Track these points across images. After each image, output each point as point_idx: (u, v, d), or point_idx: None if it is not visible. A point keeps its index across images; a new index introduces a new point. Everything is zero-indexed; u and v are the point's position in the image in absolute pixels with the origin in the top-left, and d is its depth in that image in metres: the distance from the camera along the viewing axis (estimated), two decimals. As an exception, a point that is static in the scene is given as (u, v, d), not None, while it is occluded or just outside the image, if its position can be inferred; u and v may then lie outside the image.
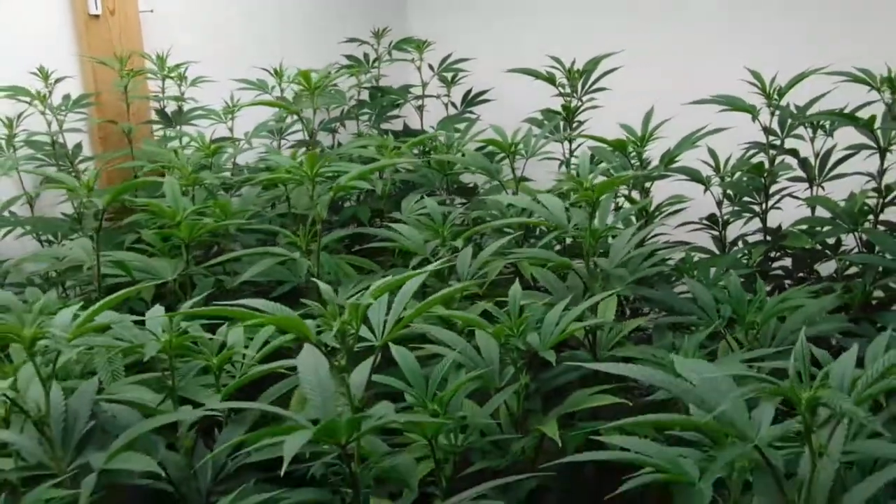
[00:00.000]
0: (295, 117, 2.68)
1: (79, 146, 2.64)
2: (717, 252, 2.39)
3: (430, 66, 3.11)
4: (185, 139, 2.53)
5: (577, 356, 1.65)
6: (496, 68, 2.84)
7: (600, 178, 1.82)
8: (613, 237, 1.86)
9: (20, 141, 2.48)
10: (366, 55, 3.30)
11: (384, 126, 3.05)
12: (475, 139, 2.54)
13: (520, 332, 1.44)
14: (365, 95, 3.19)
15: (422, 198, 2.21)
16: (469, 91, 3.21)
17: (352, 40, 3.28)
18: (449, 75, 3.15)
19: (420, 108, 3.07)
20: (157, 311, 1.42)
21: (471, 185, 2.76)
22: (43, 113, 2.53)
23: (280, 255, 1.83)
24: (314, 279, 1.43)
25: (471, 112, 3.13)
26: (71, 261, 1.84)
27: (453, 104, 3.21)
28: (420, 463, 1.38)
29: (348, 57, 3.29)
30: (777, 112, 2.25)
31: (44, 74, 2.57)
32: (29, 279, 2.21)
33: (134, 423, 1.26)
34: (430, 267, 1.30)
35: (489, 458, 1.46)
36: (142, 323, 1.37)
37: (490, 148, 2.49)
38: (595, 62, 2.61)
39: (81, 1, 2.72)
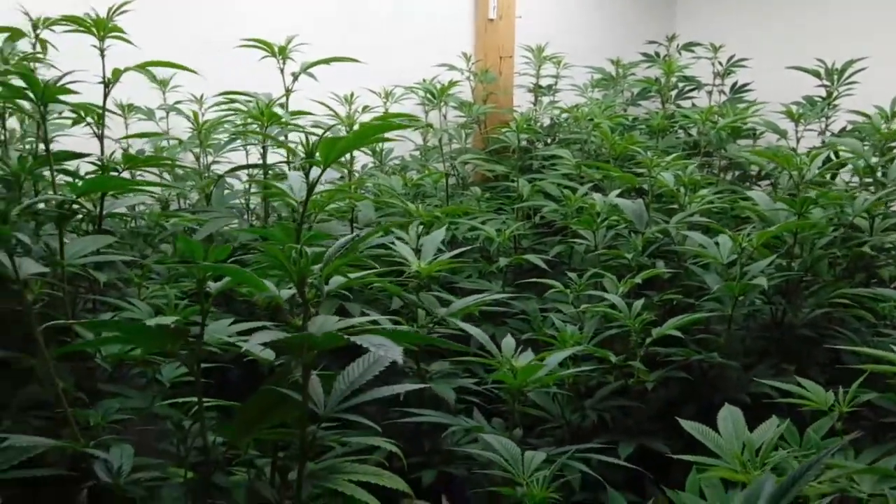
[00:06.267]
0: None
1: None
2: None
3: (720, 62, 4.23)
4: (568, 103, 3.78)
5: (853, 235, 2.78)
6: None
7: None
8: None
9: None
10: (655, 52, 4.47)
11: (680, 102, 4.21)
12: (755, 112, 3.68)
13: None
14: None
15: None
16: (736, 82, 4.33)
17: (651, 42, 4.46)
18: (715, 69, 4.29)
19: (710, 93, 4.21)
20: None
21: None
22: (469, 80, 3.84)
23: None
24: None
25: (739, 96, 4.25)
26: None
27: (723, 91, 4.33)
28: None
29: (643, 54, 4.45)
30: None
31: (466, 58, 3.85)
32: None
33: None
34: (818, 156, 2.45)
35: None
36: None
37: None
38: (850, 62, 3.69)
39: (484, 9, 4.00)
